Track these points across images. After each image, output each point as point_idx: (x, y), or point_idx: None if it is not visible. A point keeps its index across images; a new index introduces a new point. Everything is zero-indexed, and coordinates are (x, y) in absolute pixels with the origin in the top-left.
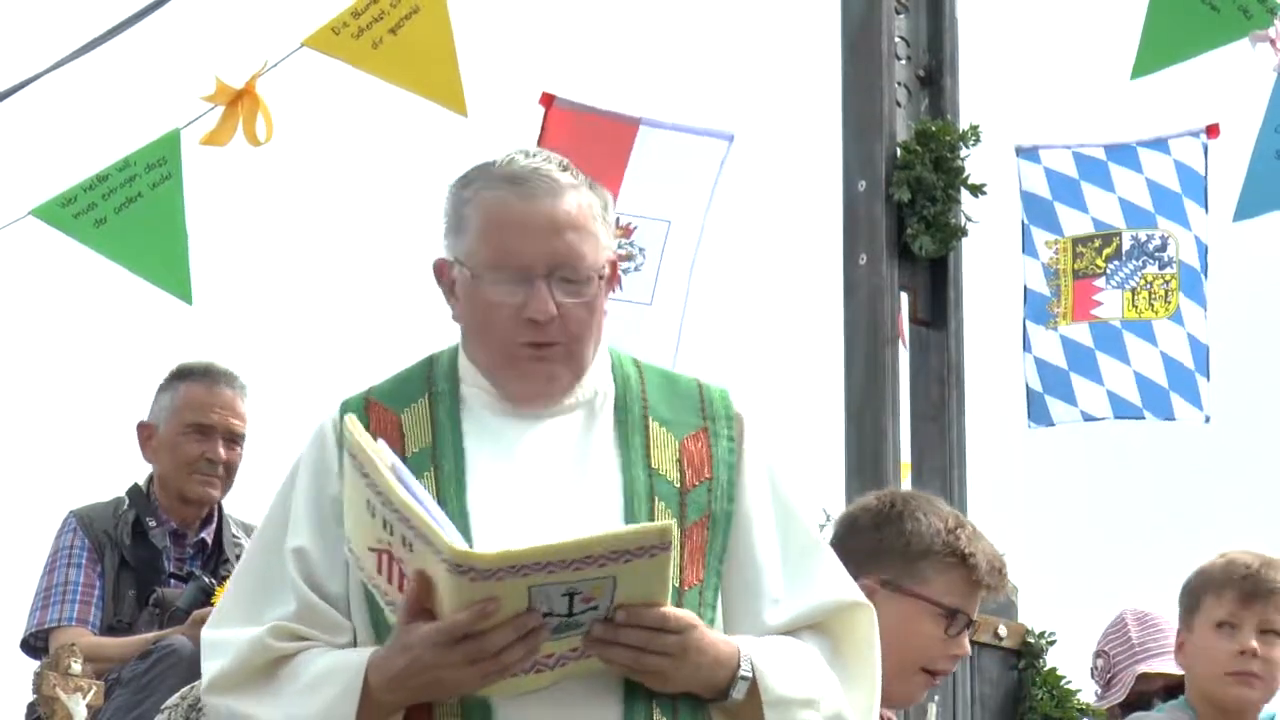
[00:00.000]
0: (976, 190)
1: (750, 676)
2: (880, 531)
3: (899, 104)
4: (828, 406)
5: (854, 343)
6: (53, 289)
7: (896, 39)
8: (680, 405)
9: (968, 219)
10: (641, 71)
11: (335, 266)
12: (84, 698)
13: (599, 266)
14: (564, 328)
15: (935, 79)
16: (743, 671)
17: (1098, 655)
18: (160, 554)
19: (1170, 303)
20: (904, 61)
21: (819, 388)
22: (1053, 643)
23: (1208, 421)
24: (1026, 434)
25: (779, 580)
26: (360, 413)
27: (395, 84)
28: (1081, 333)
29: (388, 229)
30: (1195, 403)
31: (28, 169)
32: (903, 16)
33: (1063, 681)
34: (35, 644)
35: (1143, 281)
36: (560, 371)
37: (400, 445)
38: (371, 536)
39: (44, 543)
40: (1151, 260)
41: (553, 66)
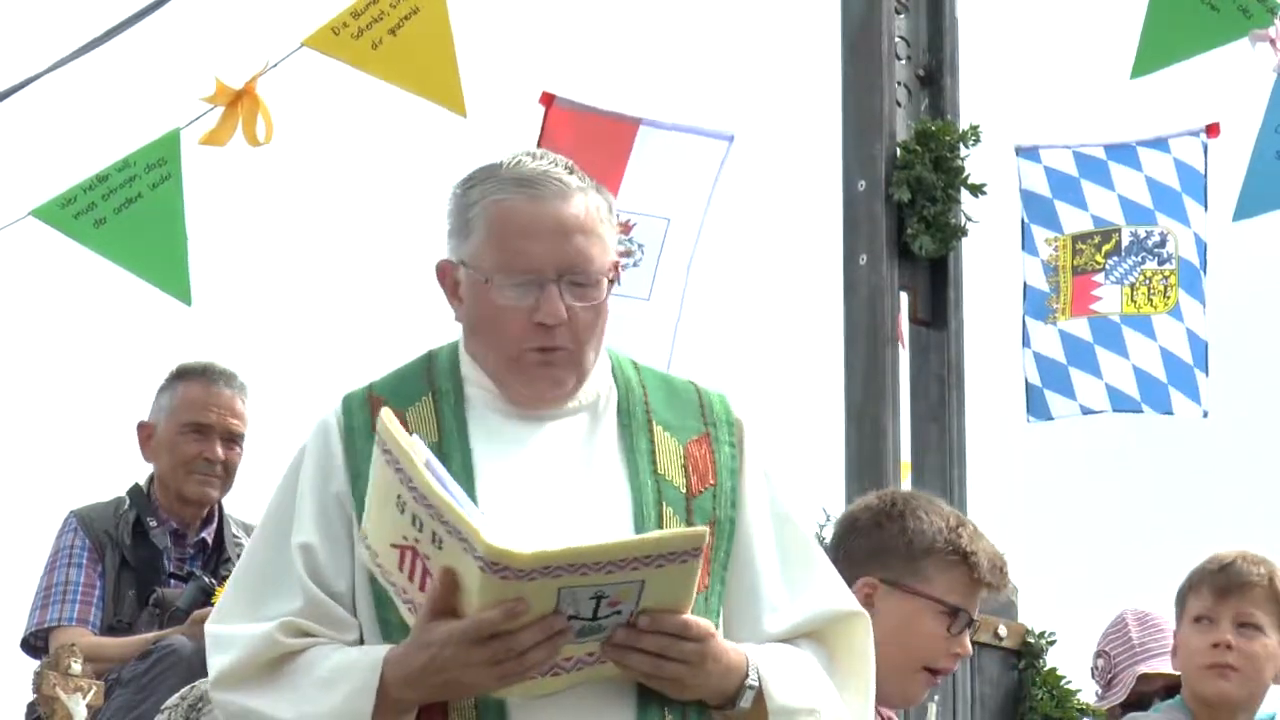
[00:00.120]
0: (976, 190)
1: (757, 685)
2: (881, 531)
3: (899, 104)
4: (828, 406)
5: (854, 343)
6: (53, 289)
7: (896, 39)
8: (681, 409)
9: (968, 219)
10: (641, 71)
11: (335, 267)
12: (84, 698)
13: (606, 269)
14: (572, 332)
15: (935, 79)
16: (750, 680)
17: (1098, 655)
18: (161, 554)
19: (1169, 298)
20: (904, 61)
21: (819, 387)
22: (1053, 643)
23: (1206, 416)
24: (1026, 433)
25: (778, 588)
26: (362, 407)
27: (395, 84)
28: (1080, 327)
29: (387, 229)
30: (1194, 397)
31: (28, 169)
32: (903, 16)
33: (1063, 681)
34: (35, 644)
35: (1142, 277)
36: (566, 376)
37: None
38: (396, 533)
39: (44, 543)
40: (1151, 256)
41: (553, 66)
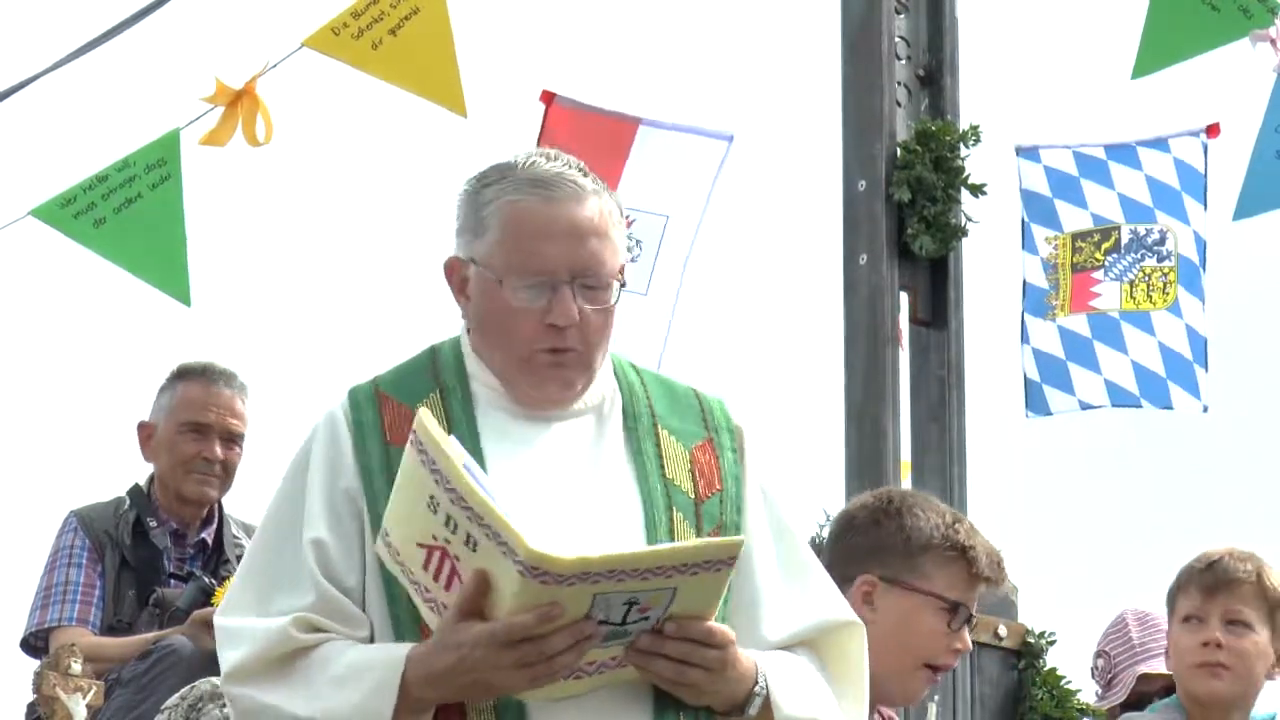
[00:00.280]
0: (976, 190)
1: (764, 693)
2: (879, 528)
3: (899, 104)
4: (828, 406)
5: (854, 342)
6: (52, 289)
7: (896, 39)
8: (683, 414)
9: (968, 219)
10: (641, 71)
11: (335, 267)
12: (84, 698)
13: (616, 272)
14: (582, 334)
15: (935, 79)
16: (758, 688)
17: (1098, 655)
18: (161, 554)
19: (1168, 294)
20: (904, 61)
21: (819, 387)
22: (1053, 643)
23: (1206, 411)
24: (1027, 432)
25: (776, 595)
26: (369, 402)
27: (395, 85)
28: (1079, 323)
29: (387, 229)
30: (1193, 392)
31: (28, 169)
32: (903, 16)
33: (1063, 681)
34: (35, 644)
35: (1141, 274)
36: (576, 378)
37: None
38: (425, 532)
39: (44, 543)
40: (1150, 254)
41: (553, 66)
